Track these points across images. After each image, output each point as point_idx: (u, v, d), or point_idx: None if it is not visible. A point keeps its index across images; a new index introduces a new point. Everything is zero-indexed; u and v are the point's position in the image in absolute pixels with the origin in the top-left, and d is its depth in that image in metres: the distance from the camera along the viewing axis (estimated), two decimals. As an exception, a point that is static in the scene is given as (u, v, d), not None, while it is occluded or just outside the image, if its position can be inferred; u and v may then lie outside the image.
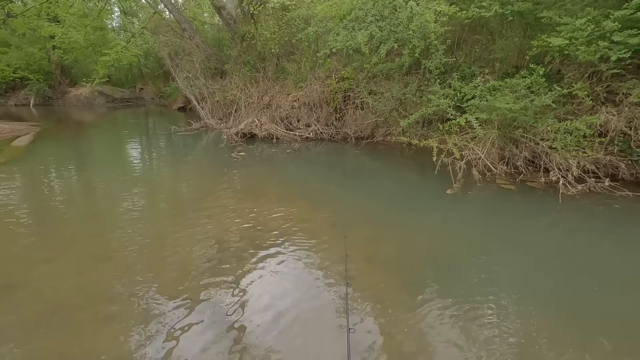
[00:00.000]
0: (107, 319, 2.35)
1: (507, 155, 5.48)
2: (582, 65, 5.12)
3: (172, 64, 11.80)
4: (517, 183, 5.14)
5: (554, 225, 4.09)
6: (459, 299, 2.60)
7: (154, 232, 3.73)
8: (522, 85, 4.96)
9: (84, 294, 2.60)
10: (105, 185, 5.32)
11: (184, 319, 2.35)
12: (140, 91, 22.08)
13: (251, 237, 3.52)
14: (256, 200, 4.60)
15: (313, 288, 2.73)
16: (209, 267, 2.98)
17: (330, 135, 8.64)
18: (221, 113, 10.73)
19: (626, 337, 2.27)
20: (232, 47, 11.29)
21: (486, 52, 7.29)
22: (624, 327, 2.37)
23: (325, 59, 8.21)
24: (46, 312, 2.38)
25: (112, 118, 15.16)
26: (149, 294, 2.60)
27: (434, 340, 2.22)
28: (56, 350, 2.09)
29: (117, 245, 3.39)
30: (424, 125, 7.08)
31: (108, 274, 2.88)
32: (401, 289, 2.74)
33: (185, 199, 4.96)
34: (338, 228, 3.80)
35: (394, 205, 4.60)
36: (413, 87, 6.85)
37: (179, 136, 9.63)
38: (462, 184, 5.04)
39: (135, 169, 6.50)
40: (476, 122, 4.89)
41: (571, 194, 4.59)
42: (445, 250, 3.41)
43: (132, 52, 13.69)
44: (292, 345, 2.15)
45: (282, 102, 9.18)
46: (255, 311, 2.44)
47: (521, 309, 2.52)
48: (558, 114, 5.06)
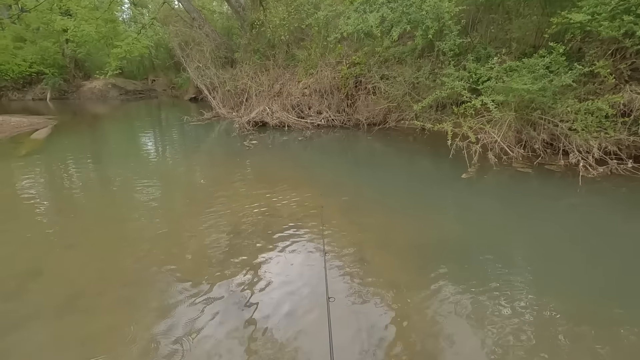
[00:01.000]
0: (128, 302, 2.42)
1: (524, 138, 5.34)
2: (605, 42, 4.90)
3: (182, 54, 11.81)
4: (535, 166, 5.01)
5: (574, 209, 3.99)
6: (474, 283, 2.57)
7: (170, 220, 3.79)
8: (541, 64, 4.78)
9: (105, 279, 2.68)
10: (121, 175, 5.42)
11: (200, 302, 2.40)
12: (152, 83, 22.25)
13: (265, 223, 3.55)
14: (269, 187, 4.62)
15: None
16: (224, 253, 3.02)
17: (342, 122, 8.57)
18: (232, 102, 10.73)
19: None
20: (242, 35, 11.22)
21: (502, 32, 7.04)
22: None
23: (336, 44, 8.07)
24: (71, 295, 2.47)
25: (126, 110, 15.37)
26: (168, 278, 2.66)
27: (448, 324, 2.21)
28: (82, 331, 2.16)
29: (136, 232, 3.47)
30: (438, 109, 6.94)
31: (127, 259, 2.95)
32: (416, 273, 2.73)
33: (200, 187, 5.02)
34: (351, 214, 3.80)
35: (408, 191, 4.56)
36: (426, 70, 6.70)
37: (192, 126, 9.71)
38: (478, 168, 4.95)
39: (150, 159, 6.60)
40: (492, 104, 4.75)
41: (592, 177, 4.45)
42: (461, 234, 3.37)
43: (143, 43, 13.75)
44: (308, 329, 2.18)
45: (293, 90, 9.12)
46: (270, 296, 2.47)
47: (537, 295, 2.47)
48: (578, 94, 4.87)
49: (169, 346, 2.03)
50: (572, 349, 2.01)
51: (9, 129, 8.75)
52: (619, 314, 2.28)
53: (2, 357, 2.00)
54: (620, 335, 2.11)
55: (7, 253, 3.11)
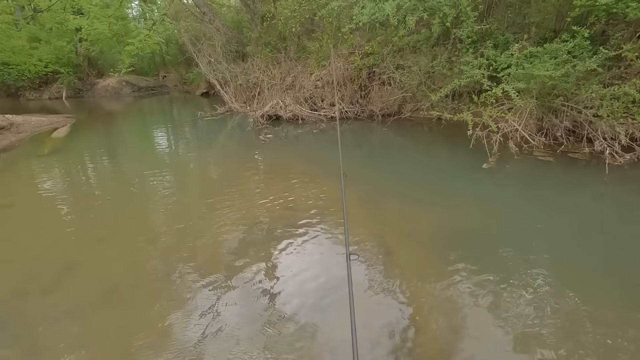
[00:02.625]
0: (158, 295, 2.49)
1: (546, 126, 5.22)
2: (631, 24, 4.72)
3: (194, 49, 11.84)
4: (557, 154, 4.91)
5: (600, 198, 3.91)
6: (496, 274, 2.56)
7: (190, 215, 3.86)
8: (564, 49, 4.64)
9: (136, 272, 2.76)
10: (140, 171, 5.50)
11: (225, 292, 2.48)
12: (164, 79, 22.40)
13: (283, 217, 3.57)
14: (286, 180, 4.64)
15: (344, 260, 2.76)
16: (243, 247, 3.06)
17: (355, 114, 8.51)
18: (245, 96, 10.75)
19: None
20: (252, 28, 11.17)
21: (520, 17, 6.85)
22: None
23: (349, 35, 7.98)
24: (106, 290, 2.55)
25: (140, 107, 15.55)
26: (193, 272, 2.73)
27: (470, 314, 2.22)
28: (119, 324, 2.24)
29: (158, 227, 3.55)
30: (454, 99, 6.82)
31: (154, 253, 3.03)
32: (439, 263, 2.72)
33: (217, 181, 5.08)
34: (370, 206, 3.80)
35: (427, 182, 4.52)
36: (443, 59, 6.57)
37: (205, 121, 9.77)
38: (498, 157, 4.87)
39: (166, 155, 6.69)
40: (514, 92, 4.65)
41: (618, 164, 4.34)
42: (483, 225, 3.34)
43: (155, 39, 13.81)
44: (327, 323, 2.20)
45: (306, 82, 9.06)
46: (288, 289, 2.51)
47: (561, 286, 2.44)
48: (603, 79, 4.73)
49: (198, 335, 2.09)
50: (597, 340, 1.99)
51: (30, 128, 8.96)
52: None
53: (44, 351, 2.08)
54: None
55: (41, 249, 3.21)
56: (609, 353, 1.91)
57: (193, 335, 2.11)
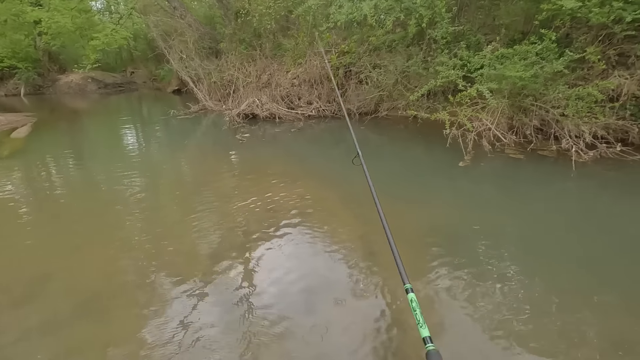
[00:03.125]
0: (136, 304, 2.38)
1: (516, 125, 5.43)
2: (593, 28, 4.98)
3: (164, 45, 11.44)
4: (527, 152, 5.12)
5: (567, 193, 4.11)
6: (472, 268, 2.65)
7: (166, 219, 3.73)
8: (533, 51, 4.83)
9: (112, 282, 2.63)
10: (110, 173, 5.25)
11: (199, 300, 2.40)
12: (132, 75, 21.52)
13: (262, 219, 3.51)
14: (265, 181, 4.58)
15: (328, 262, 2.76)
16: (222, 251, 2.98)
17: (333, 112, 8.52)
18: (219, 94, 10.50)
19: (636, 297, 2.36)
20: (226, 24, 10.92)
21: (490, 18, 7.07)
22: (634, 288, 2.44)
23: (326, 34, 7.95)
24: (82, 301, 2.41)
25: (106, 104, 14.86)
26: (169, 279, 2.63)
27: (447, 310, 2.29)
28: (96, 335, 2.12)
29: (133, 234, 3.40)
30: (429, 98, 6.96)
31: (131, 261, 2.89)
32: (422, 262, 2.77)
33: (193, 183, 4.93)
34: (352, 206, 3.81)
35: (406, 180, 4.59)
36: (418, 59, 6.69)
37: (178, 120, 9.46)
38: (473, 155, 5.02)
39: (138, 156, 6.43)
40: (488, 92, 4.80)
41: (583, 161, 4.58)
42: (461, 221, 3.43)
43: (122, 34, 13.22)
44: (311, 328, 2.19)
45: (282, 80, 8.97)
46: (270, 293, 2.47)
47: (532, 276, 2.56)
48: (569, 80, 4.97)
49: (176, 345, 2.02)
50: (563, 326, 2.11)
51: (-15, 128, 8.35)
52: (607, 289, 2.42)
53: (13, 369, 1.94)
54: (608, 308, 2.24)
55: (6, 260, 3.00)
56: (574, 336, 2.04)
57: (172, 346, 2.03)
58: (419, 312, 0.42)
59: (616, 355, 1.92)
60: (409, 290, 0.55)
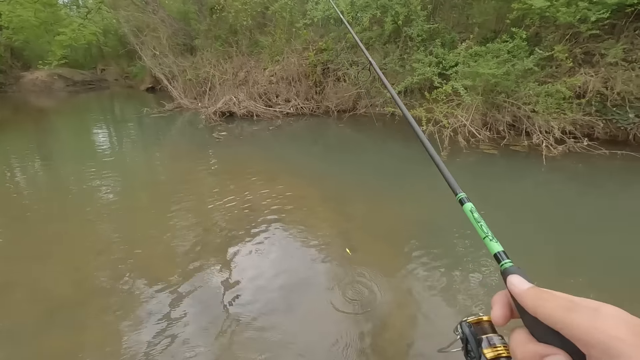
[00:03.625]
0: (107, 312, 2.27)
1: (490, 121, 5.57)
2: (561, 28, 5.17)
3: (136, 41, 11.05)
4: (501, 147, 5.27)
5: (537, 186, 4.26)
6: (449, 259, 2.72)
7: (140, 221, 3.60)
8: (505, 49, 4.97)
9: (82, 289, 2.50)
10: (79, 176, 5.01)
11: (178, 303, 2.33)
12: (103, 72, 20.70)
13: (241, 218, 3.45)
14: (243, 180, 4.50)
15: (308, 259, 2.74)
16: (199, 253, 2.91)
17: (311, 110, 8.48)
18: (195, 92, 10.25)
19: (600, 274, 2.52)
20: (201, 20, 10.67)
21: (464, 17, 7.23)
22: (597, 267, 2.63)
23: (303, 31, 7.90)
24: (48, 310, 2.28)
25: (76, 103, 14.22)
26: (143, 283, 2.53)
27: (426, 301, 2.33)
28: (63, 346, 2.01)
29: (106, 237, 3.25)
30: (406, 95, 7.04)
31: (102, 266, 2.76)
32: (401, 255, 2.80)
33: (168, 183, 4.78)
34: (333, 203, 3.80)
35: (386, 177, 4.63)
36: (395, 56, 6.75)
37: (152, 118, 9.17)
38: (449, 151, 5.11)
39: (109, 157, 6.18)
40: (463, 89, 4.90)
41: (553, 155, 4.75)
42: (438, 216, 3.50)
43: (90, 29, 12.66)
44: (290, 327, 2.17)
45: (259, 78, 8.86)
46: (248, 294, 2.43)
47: None
48: (538, 77, 5.14)
49: (150, 354, 1.94)
50: None
51: (-60, 128, 7.80)
52: (577, 274, 2.57)
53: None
54: (579, 291, 2.30)
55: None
56: None
57: (148, 350, 1.96)
58: (484, 224, 0.37)
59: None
60: (464, 199, 0.48)
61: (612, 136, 5.13)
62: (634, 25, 4.78)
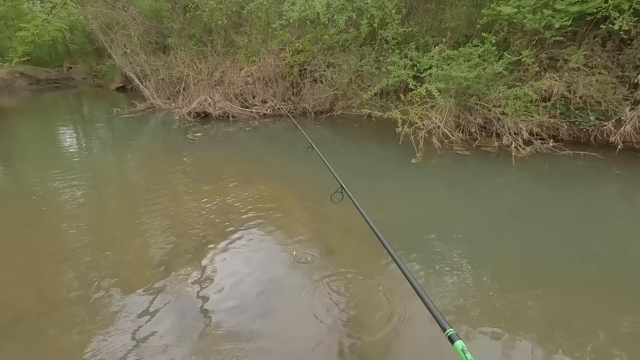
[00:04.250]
0: (74, 322, 2.16)
1: (462, 123, 5.73)
2: (527, 34, 5.40)
3: (105, 38, 10.62)
4: (473, 148, 5.43)
5: (507, 185, 4.43)
6: (425, 259, 2.78)
7: (110, 225, 3.45)
8: (476, 54, 5.13)
9: (46, 298, 2.36)
10: (43, 179, 4.75)
11: (150, 312, 2.24)
12: (69, 70, 19.76)
13: (216, 222, 3.38)
14: (219, 182, 4.41)
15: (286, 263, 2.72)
16: (173, 258, 2.82)
17: (288, 111, 8.42)
18: (168, 92, 9.97)
19: (564, 267, 2.62)
20: (174, 19, 10.38)
21: (437, 21, 7.41)
22: (563, 260, 2.76)
23: (279, 31, 7.86)
24: (8, 321, 2.13)
25: (40, 102, 13.52)
26: (113, 291, 2.43)
27: (400, 296, 2.36)
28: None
29: (73, 242, 3.09)
30: (382, 97, 7.14)
31: (69, 274, 2.62)
32: (377, 256, 2.81)
33: (140, 186, 4.61)
34: (309, 204, 3.79)
35: (363, 178, 4.66)
36: (371, 59, 6.83)
37: (123, 119, 8.84)
38: (424, 152, 5.22)
39: (77, 158, 5.91)
40: (437, 91, 5.02)
41: (521, 156, 4.95)
42: (414, 215, 3.57)
43: (55, 25, 12.01)
44: (269, 332, 2.14)
45: (235, 78, 8.73)
46: (224, 300, 2.38)
47: (477, 264, 2.73)
48: (507, 81, 5.34)
49: None
50: (506, 306, 2.29)
51: None
52: (544, 271, 2.66)
53: None
54: (547, 287, 2.45)
55: None
56: (514, 314, 2.21)
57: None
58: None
59: (554, 324, 2.08)
60: (454, 337, 0.42)
61: (575, 137, 5.41)
62: (593, 33, 5.06)
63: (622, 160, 4.71)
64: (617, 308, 2.26)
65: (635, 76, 4.72)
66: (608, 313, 2.22)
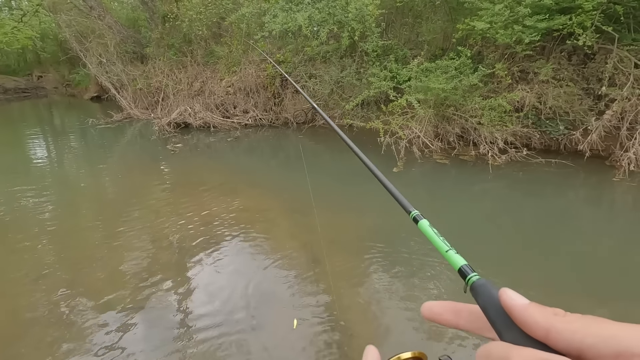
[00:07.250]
0: (51, 343, 2.05)
1: (441, 132, 5.90)
2: (500, 47, 5.66)
3: (80, 47, 10.35)
4: (451, 157, 5.58)
5: (486, 192, 4.58)
6: (406, 266, 2.84)
7: (85, 241, 3.33)
8: (452, 66, 5.32)
9: (18, 320, 2.23)
10: (9, 195, 4.50)
11: (129, 330, 2.17)
12: (39, 79, 19.05)
13: (197, 234, 3.31)
14: (200, 194, 4.34)
15: (271, 274, 2.69)
16: (152, 273, 2.75)
17: (270, 121, 8.43)
18: (146, 102, 9.79)
19: (538, 268, 2.72)
20: (152, 28, 10.25)
21: (414, 35, 7.65)
22: (537, 263, 2.87)
23: (260, 42, 7.89)
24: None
25: (6, 112, 12.95)
26: (93, 311, 2.33)
27: (385, 303, 2.41)
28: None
29: (45, 260, 2.96)
30: (363, 107, 7.26)
31: (42, 294, 2.50)
32: (362, 264, 2.84)
33: (117, 199, 4.48)
34: (295, 215, 3.78)
35: (345, 188, 4.70)
36: (352, 70, 6.95)
37: (98, 130, 8.58)
38: (405, 161, 5.32)
39: (47, 171, 5.68)
40: (416, 102, 5.15)
41: (497, 164, 5.13)
42: (396, 224, 3.60)
43: (26, 33, 11.64)
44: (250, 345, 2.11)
45: (216, 88, 8.67)
46: (205, 315, 2.34)
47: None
48: (483, 92, 5.56)
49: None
50: None
51: None
52: (521, 274, 2.77)
53: None
54: (526, 289, 2.49)
55: None
56: None
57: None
58: (443, 238, 0.33)
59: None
60: (418, 217, 0.45)
61: (546, 146, 5.66)
62: (560, 47, 5.36)
63: (590, 167, 4.96)
64: (594, 306, 2.36)
65: (599, 88, 5.02)
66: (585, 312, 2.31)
